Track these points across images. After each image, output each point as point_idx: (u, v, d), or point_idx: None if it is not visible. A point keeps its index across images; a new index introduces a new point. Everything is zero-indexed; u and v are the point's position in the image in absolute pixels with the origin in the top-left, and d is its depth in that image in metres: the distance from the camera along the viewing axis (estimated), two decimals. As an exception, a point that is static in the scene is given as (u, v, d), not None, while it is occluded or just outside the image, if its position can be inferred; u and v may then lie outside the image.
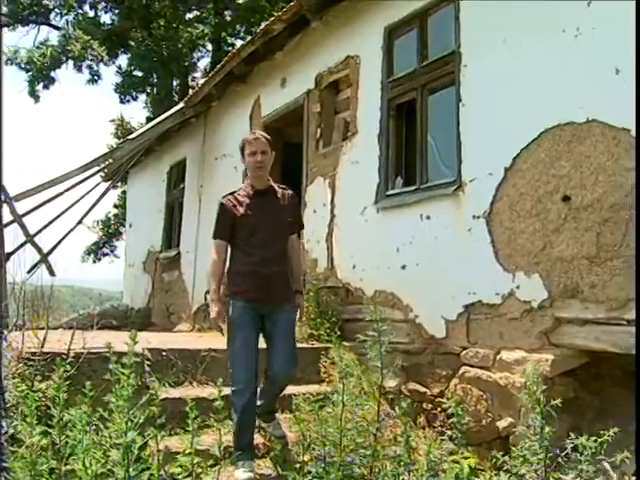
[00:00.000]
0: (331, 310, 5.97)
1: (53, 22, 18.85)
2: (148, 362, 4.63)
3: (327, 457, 3.68)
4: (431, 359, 5.10)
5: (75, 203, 10.54)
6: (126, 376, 2.85)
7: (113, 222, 20.45)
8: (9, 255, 5.64)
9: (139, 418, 2.85)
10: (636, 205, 3.59)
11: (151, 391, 3.07)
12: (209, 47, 19.45)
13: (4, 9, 16.45)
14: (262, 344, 4.12)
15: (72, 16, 18.34)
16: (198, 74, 20.05)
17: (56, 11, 18.53)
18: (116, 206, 20.17)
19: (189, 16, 18.84)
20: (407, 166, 5.90)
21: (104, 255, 20.85)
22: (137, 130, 13.06)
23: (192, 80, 19.59)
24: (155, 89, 18.76)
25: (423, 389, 5.08)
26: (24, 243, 8.76)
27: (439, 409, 4.79)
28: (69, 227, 10.96)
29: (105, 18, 18.99)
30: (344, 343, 5.37)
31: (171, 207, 11.80)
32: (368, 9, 6.21)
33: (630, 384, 4.13)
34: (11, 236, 7.67)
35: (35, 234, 9.45)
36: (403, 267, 5.42)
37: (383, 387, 3.63)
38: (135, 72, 18.62)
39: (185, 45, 18.13)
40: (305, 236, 6.47)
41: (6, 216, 8.33)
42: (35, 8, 18.11)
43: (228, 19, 18.20)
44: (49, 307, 5.15)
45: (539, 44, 4.40)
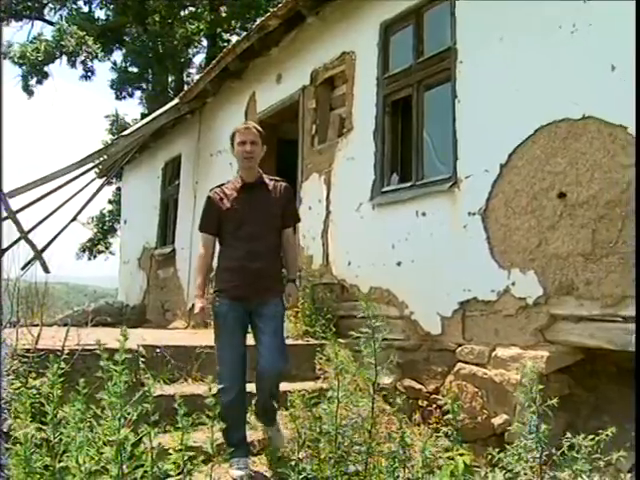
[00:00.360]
0: (326, 307, 5.97)
1: (47, 17, 18.82)
2: (143, 359, 4.61)
3: (322, 454, 3.68)
4: (426, 356, 5.09)
5: (69, 199, 10.52)
6: (118, 373, 2.84)
7: (108, 218, 20.39)
8: (3, 252, 5.62)
9: (132, 415, 2.84)
10: (636, 204, 3.58)
11: (145, 388, 3.05)
12: (204, 43, 19.42)
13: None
14: (251, 340, 4.09)
15: (66, 11, 18.29)
16: (193, 70, 20.07)
17: (50, 6, 18.48)
18: (111, 202, 20.11)
19: (184, 12, 18.78)
20: (403, 162, 5.89)
21: (99, 252, 20.78)
22: (132, 126, 13.02)
23: (187, 76, 19.58)
24: (150, 85, 18.71)
25: (418, 386, 5.08)
26: (18, 240, 8.74)
27: (434, 406, 4.79)
28: (63, 224, 10.95)
29: (100, 14, 18.97)
30: (339, 340, 5.36)
31: (166, 203, 11.77)
32: (364, 5, 6.19)
33: (625, 381, 4.13)
34: (5, 232, 7.65)
35: (29, 231, 9.44)
36: (398, 264, 5.42)
37: (378, 384, 3.62)
38: (130, 68, 18.57)
39: (180, 41, 18.07)
40: (300, 232, 6.46)
41: None
42: (29, 3, 18.06)
43: (223, 15, 18.15)
44: (43, 304, 5.13)
45: (535, 40, 4.39)
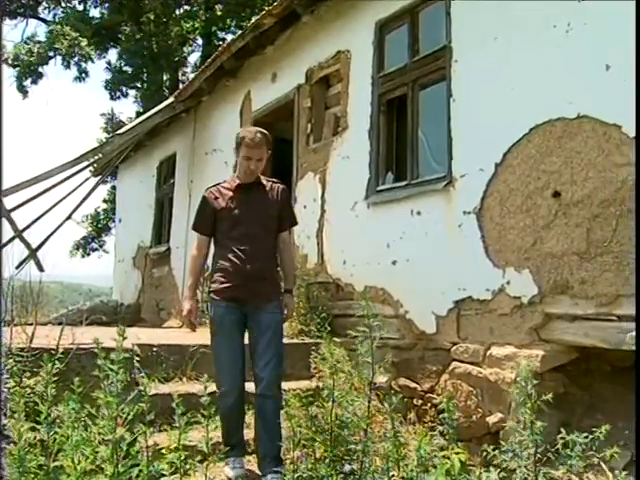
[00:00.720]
0: (321, 305, 5.97)
1: (42, 15, 18.78)
2: (137, 358, 4.60)
3: (317, 453, 3.68)
4: (421, 355, 5.10)
5: (64, 198, 10.49)
6: (115, 372, 2.83)
7: (102, 217, 20.36)
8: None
9: (128, 414, 2.84)
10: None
11: (140, 387, 3.05)
12: (199, 42, 19.42)
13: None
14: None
15: (61, 10, 18.25)
16: (188, 69, 20.04)
17: (45, 4, 18.43)
18: (105, 201, 20.08)
19: (179, 11, 18.75)
20: (398, 161, 5.90)
21: (93, 250, 20.76)
22: (127, 125, 13.00)
23: (182, 75, 19.55)
24: (145, 84, 18.68)
25: (413, 385, 5.08)
26: (12, 238, 8.72)
27: (429, 405, 4.80)
28: (58, 222, 10.92)
29: (94, 12, 18.93)
30: (334, 339, 5.36)
31: (161, 202, 11.76)
32: (359, 4, 6.19)
33: (619, 379, 4.15)
34: (-2, 232, 7.62)
35: (24, 229, 9.42)
36: (393, 263, 5.42)
37: (373, 383, 3.62)
38: (125, 68, 18.55)
39: (175, 40, 18.06)
40: (295, 232, 6.46)
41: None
42: (24, 1, 18.00)
43: (218, 13, 18.14)
44: (38, 303, 5.12)
45: (530, 39, 4.39)
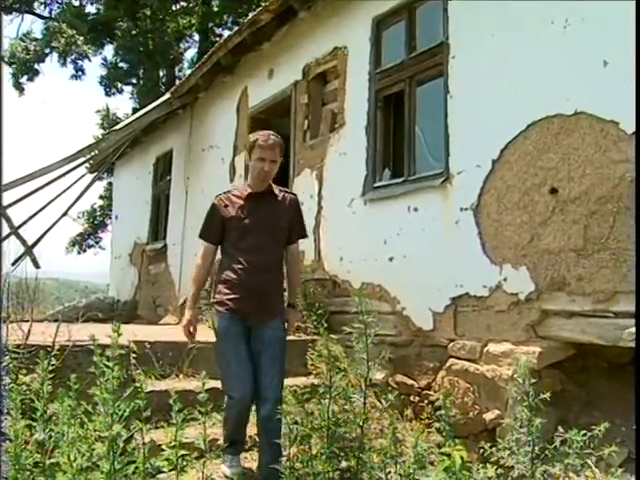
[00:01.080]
0: (318, 302, 5.96)
1: (37, 11, 18.70)
2: (134, 355, 4.60)
3: (314, 450, 3.68)
4: (418, 351, 5.10)
5: (60, 195, 10.48)
6: (111, 369, 2.82)
7: (99, 214, 20.33)
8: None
9: (124, 411, 2.83)
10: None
11: (136, 384, 3.04)
12: (196, 38, 19.37)
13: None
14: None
15: (57, 5, 18.21)
16: (185, 65, 20.00)
17: (40, 0, 18.37)
18: (102, 197, 20.06)
19: (175, 7, 18.71)
20: (395, 158, 5.89)
21: (89, 247, 20.74)
22: (123, 121, 12.97)
23: (179, 71, 19.53)
24: (141, 80, 18.65)
25: (410, 381, 5.08)
26: (8, 235, 8.70)
27: (426, 401, 4.80)
28: (54, 219, 10.90)
29: (90, 8, 18.85)
30: (331, 335, 5.36)
31: (157, 199, 11.73)
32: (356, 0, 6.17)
33: (616, 376, 4.16)
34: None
35: (19, 226, 9.39)
36: (390, 259, 5.42)
37: (370, 379, 3.62)
38: (121, 64, 18.51)
39: (172, 36, 18.02)
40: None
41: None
42: (20, -4, 17.96)
43: (215, 9, 18.09)
44: (34, 300, 5.11)
45: (528, 36, 4.39)
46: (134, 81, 18.91)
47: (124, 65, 18.45)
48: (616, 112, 3.73)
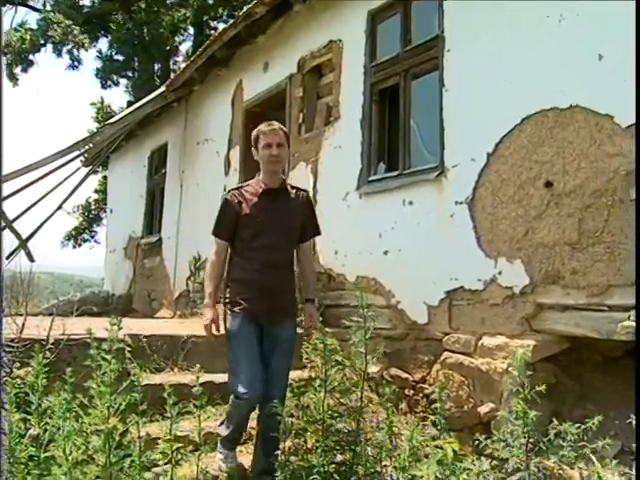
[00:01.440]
0: (313, 296, 5.95)
1: (31, 3, 18.60)
2: (129, 348, 4.60)
3: (309, 443, 3.69)
4: (413, 345, 5.10)
5: (55, 188, 10.44)
6: (108, 362, 2.83)
7: (93, 207, 20.27)
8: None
9: (121, 404, 2.83)
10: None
11: (132, 377, 3.04)
12: (191, 31, 19.26)
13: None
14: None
15: (51, -3, 18.10)
16: (180, 58, 19.90)
17: (34, -8, 18.28)
18: (97, 191, 19.99)
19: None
20: (390, 151, 5.88)
21: (84, 241, 20.69)
22: (118, 114, 12.93)
23: (174, 64, 19.43)
24: (136, 73, 18.58)
25: (405, 375, 5.09)
26: (2, 229, 8.66)
27: (421, 395, 4.81)
28: (49, 212, 10.86)
29: (85, 1, 18.74)
30: (326, 329, 5.37)
31: (152, 192, 11.71)
32: (351, -7, 6.16)
33: (610, 369, 4.17)
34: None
35: (14, 219, 9.36)
36: (385, 253, 5.42)
37: (367, 373, 3.63)
38: (116, 56, 18.43)
39: (166, 29, 17.94)
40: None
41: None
42: (13, -13, 17.85)
43: (210, 2, 18.01)
44: (28, 293, 5.10)
45: (523, 29, 4.38)
46: (129, 74, 18.84)
47: (120, 57, 18.38)
48: (611, 106, 3.73)
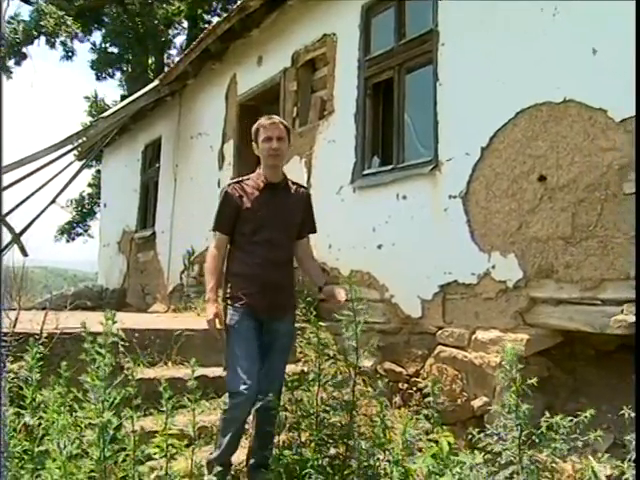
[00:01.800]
0: (307, 290, 5.95)
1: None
2: (122, 342, 4.59)
3: (302, 437, 3.70)
4: (407, 339, 5.11)
5: (48, 182, 10.41)
6: (102, 356, 2.83)
7: (87, 201, 20.23)
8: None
9: (115, 398, 2.83)
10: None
11: (126, 372, 3.05)
12: (185, 24, 19.21)
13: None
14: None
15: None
16: (174, 51, 19.86)
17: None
18: (90, 185, 19.95)
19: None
20: (384, 145, 5.88)
21: (78, 235, 20.66)
22: (111, 108, 12.89)
23: (167, 58, 19.37)
24: (130, 66, 18.52)
25: (399, 369, 5.10)
26: (-3, 222, 8.63)
27: (414, 388, 4.82)
28: (42, 206, 10.83)
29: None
30: (320, 323, 5.38)
31: (146, 186, 11.69)
32: (345, -14, 6.14)
33: (603, 363, 4.18)
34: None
35: (7, 213, 9.33)
36: (379, 247, 5.42)
37: (359, 367, 3.64)
38: (110, 49, 18.36)
39: (160, 22, 17.88)
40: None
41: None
42: (5, -19, 17.71)
43: (204, -5, 17.96)
44: (22, 288, 5.09)
45: (517, 23, 4.37)
46: (123, 67, 18.78)
47: (114, 49, 18.32)
48: (604, 100, 3.73)
